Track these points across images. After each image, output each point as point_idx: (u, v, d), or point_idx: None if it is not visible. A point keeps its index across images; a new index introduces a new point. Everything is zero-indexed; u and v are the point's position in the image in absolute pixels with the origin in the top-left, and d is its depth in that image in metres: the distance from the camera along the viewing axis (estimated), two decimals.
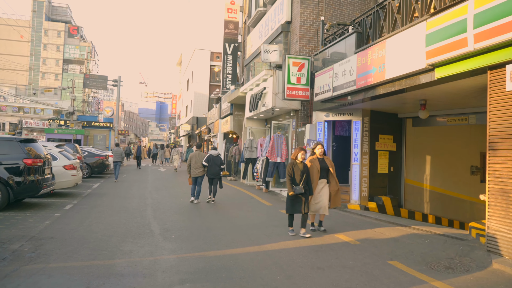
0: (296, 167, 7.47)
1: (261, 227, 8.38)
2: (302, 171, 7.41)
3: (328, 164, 7.90)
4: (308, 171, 7.51)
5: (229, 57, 22.97)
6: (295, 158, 7.58)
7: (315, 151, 7.96)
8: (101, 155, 19.52)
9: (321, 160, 7.87)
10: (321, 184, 7.77)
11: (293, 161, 7.59)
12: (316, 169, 7.70)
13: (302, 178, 7.35)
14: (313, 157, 7.91)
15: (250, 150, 16.07)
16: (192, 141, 41.23)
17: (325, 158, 7.97)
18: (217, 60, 39.03)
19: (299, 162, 7.53)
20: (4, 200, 9.20)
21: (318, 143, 8.08)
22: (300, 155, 7.52)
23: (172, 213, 9.91)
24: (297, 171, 7.41)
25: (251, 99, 15.32)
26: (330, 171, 7.86)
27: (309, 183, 7.46)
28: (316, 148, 7.97)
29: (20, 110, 70.93)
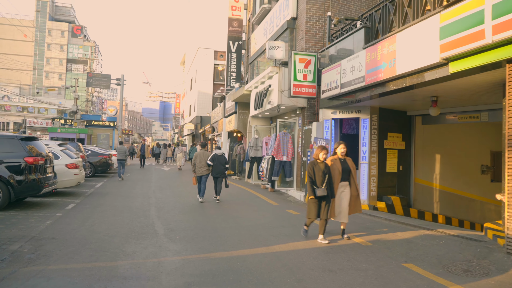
0: (317, 167, 6.90)
1: (268, 227, 8.13)
2: (323, 171, 6.83)
3: (350, 165, 7.26)
4: (330, 172, 6.93)
5: (233, 55, 22.73)
6: (316, 157, 6.98)
7: (337, 151, 7.32)
8: (104, 154, 19.32)
9: (343, 161, 7.22)
10: (341, 187, 7.15)
11: (314, 160, 7.03)
12: (337, 170, 7.08)
13: (324, 179, 6.79)
14: (333, 157, 7.28)
15: (255, 149, 15.82)
16: (196, 140, 41.03)
17: (347, 159, 7.32)
18: (220, 59, 38.80)
19: (320, 162, 6.95)
20: (5, 199, 8.99)
21: (341, 142, 7.39)
22: (322, 154, 6.93)
23: (177, 212, 9.68)
24: (318, 171, 6.84)
25: (256, 97, 15.07)
26: (352, 174, 7.24)
27: (331, 185, 6.89)
28: (338, 147, 7.31)
29: (24, 109, 71.05)
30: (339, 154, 7.28)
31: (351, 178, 7.23)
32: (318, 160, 6.98)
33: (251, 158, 16.03)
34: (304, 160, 12.69)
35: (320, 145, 7.17)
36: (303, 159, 12.77)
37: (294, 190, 13.37)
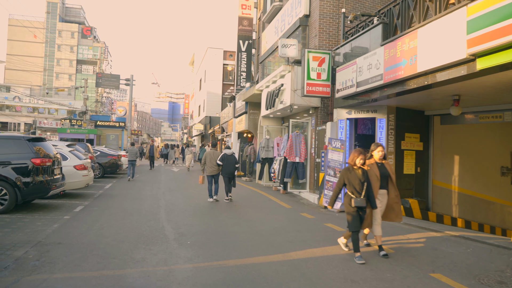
0: (352, 174, 6.07)
1: (282, 232, 7.77)
2: (361, 179, 6.01)
3: (389, 170, 6.46)
4: (369, 180, 6.09)
5: (243, 55, 22.41)
6: (353, 163, 6.14)
7: (374, 154, 6.47)
8: (113, 155, 19.11)
9: (380, 166, 6.41)
10: (379, 196, 6.37)
11: (349, 167, 6.20)
12: (375, 176, 6.28)
13: (362, 187, 5.98)
14: (370, 162, 6.43)
15: (267, 149, 15.48)
16: (205, 140, 40.79)
17: (385, 163, 6.50)
18: (230, 59, 38.52)
19: (356, 168, 6.11)
20: (12, 201, 8.76)
21: (379, 144, 6.58)
22: (359, 160, 6.06)
23: (187, 215, 9.37)
24: (355, 179, 6.02)
25: (268, 96, 14.72)
26: (391, 179, 6.46)
27: (371, 194, 6.04)
28: (376, 150, 6.47)
29: (34, 110, 71.55)
30: (377, 158, 6.45)
31: (390, 184, 6.45)
32: (355, 167, 6.13)
33: (262, 159, 15.68)
34: (317, 162, 12.31)
35: (357, 149, 6.26)
36: (317, 160, 12.39)
37: (307, 192, 12.99)
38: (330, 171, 10.84)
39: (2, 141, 9.10)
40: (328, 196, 10.76)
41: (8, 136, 9.21)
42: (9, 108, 69.83)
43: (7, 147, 9.00)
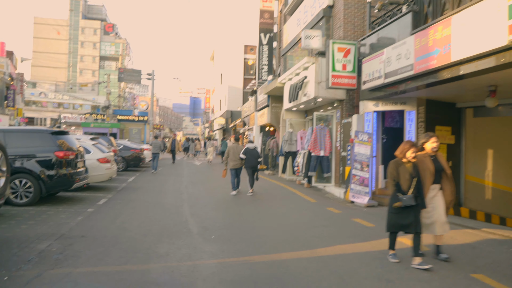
0: (402, 168, 5.36)
1: (309, 227, 7.52)
2: (411, 174, 5.30)
3: (442, 163, 5.64)
4: (419, 175, 5.37)
5: (264, 48, 22.11)
6: (402, 155, 5.40)
7: (426, 146, 5.62)
8: (136, 149, 19.17)
9: (434, 158, 5.61)
10: (432, 191, 5.54)
11: (398, 160, 5.46)
12: (428, 171, 5.47)
13: (411, 184, 5.26)
14: (422, 154, 5.59)
15: (290, 143, 15.20)
16: (227, 134, 40.75)
17: (438, 155, 5.69)
18: (251, 52, 38.27)
19: (406, 162, 5.39)
20: (36, 194, 8.78)
21: (432, 134, 5.71)
22: (411, 152, 5.32)
23: (210, 209, 9.22)
24: (404, 174, 5.31)
25: (291, 89, 14.42)
26: (446, 173, 5.64)
27: (421, 192, 5.33)
28: (428, 141, 5.61)
29: (60, 105, 73.10)
30: (430, 150, 5.61)
31: (444, 179, 5.64)
32: (404, 160, 5.40)
33: (285, 153, 15.42)
34: (343, 155, 11.96)
35: (407, 141, 5.56)
36: (342, 154, 12.04)
37: (332, 186, 12.68)
38: (357, 165, 10.50)
39: (26, 134, 9.13)
40: (354, 190, 10.44)
41: (31, 129, 9.23)
42: (36, 103, 71.59)
43: (31, 140, 9.02)
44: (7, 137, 8.90)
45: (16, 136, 9.02)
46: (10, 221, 7.27)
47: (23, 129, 9.08)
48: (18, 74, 49.89)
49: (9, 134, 8.97)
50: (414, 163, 5.41)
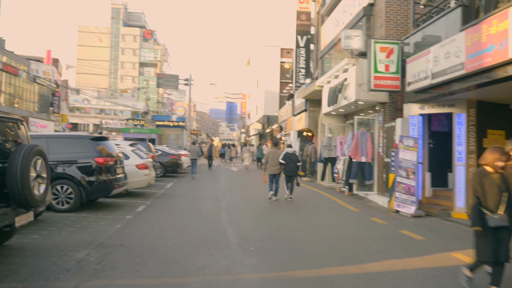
0: (488, 179, 4.37)
1: (353, 239, 7.10)
2: (500, 187, 4.33)
3: None
4: (509, 188, 4.38)
5: (301, 50, 21.74)
6: (489, 165, 4.44)
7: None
8: (174, 154, 19.30)
9: None
10: None
11: (482, 169, 4.49)
12: None
13: (500, 199, 4.29)
14: (509, 164, 4.54)
15: (329, 148, 14.74)
16: (263, 140, 40.58)
17: None
18: (287, 56, 37.98)
19: (493, 173, 4.40)
20: (77, 200, 8.85)
21: None
22: (498, 161, 4.34)
23: (249, 218, 8.97)
24: (491, 187, 4.33)
25: (330, 92, 13.99)
26: None
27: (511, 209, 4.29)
28: None
29: (102, 111, 75.64)
30: None
31: None
32: (490, 170, 4.43)
33: (324, 159, 14.97)
34: (386, 161, 11.41)
35: (494, 146, 4.58)
36: (385, 160, 11.48)
37: (375, 194, 12.12)
38: (402, 172, 9.94)
39: (67, 140, 9.25)
40: (399, 199, 9.88)
41: (72, 135, 9.35)
42: (79, 109, 74.44)
43: (72, 146, 9.12)
44: (49, 143, 9.04)
45: (58, 142, 9.15)
46: (52, 227, 7.31)
47: (64, 135, 9.21)
48: (63, 81, 51.98)
49: (51, 140, 9.11)
50: (501, 174, 4.43)
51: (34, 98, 36.71)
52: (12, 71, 30.92)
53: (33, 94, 36.02)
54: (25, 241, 6.29)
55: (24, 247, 5.94)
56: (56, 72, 47.88)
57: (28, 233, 6.80)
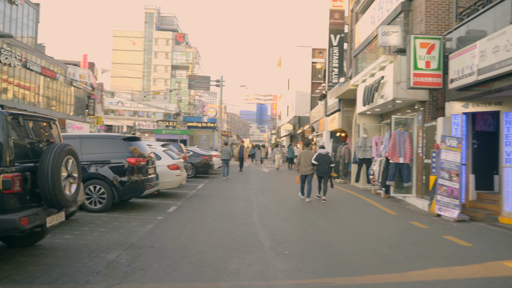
0: None
1: (394, 244, 6.68)
2: None
3: None
4: None
5: (334, 49, 21.24)
6: None
7: None
8: (205, 155, 19.27)
9: None
10: None
11: None
12: None
13: None
14: None
15: (364, 149, 14.24)
16: (294, 141, 40.15)
17: None
18: (319, 56, 37.44)
19: None
20: (109, 200, 8.83)
21: None
22: None
23: (281, 220, 8.68)
24: None
25: (365, 91, 13.50)
26: None
27: None
28: None
29: (135, 114, 77.32)
30: None
31: None
32: None
33: (358, 160, 14.47)
34: (426, 163, 10.83)
35: None
36: (425, 161, 10.91)
37: (413, 197, 11.55)
38: (444, 174, 9.38)
39: (99, 140, 9.27)
40: (441, 202, 9.33)
41: (105, 135, 9.36)
42: (114, 112, 76.38)
43: (105, 146, 9.13)
44: (82, 143, 9.09)
45: (91, 142, 9.19)
46: (84, 227, 7.29)
47: (97, 135, 9.24)
48: (98, 84, 53.39)
49: (84, 140, 9.15)
50: None
51: (71, 101, 37.84)
52: (50, 74, 31.98)
53: (69, 97, 37.15)
54: (57, 241, 6.26)
55: (56, 247, 5.89)
56: (92, 75, 49.24)
57: (61, 233, 6.79)
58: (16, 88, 27.63)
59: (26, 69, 28.34)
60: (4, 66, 25.70)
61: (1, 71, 25.93)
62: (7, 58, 25.25)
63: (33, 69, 29.02)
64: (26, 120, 5.09)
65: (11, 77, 26.70)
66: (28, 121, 5.13)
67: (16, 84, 27.37)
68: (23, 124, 4.94)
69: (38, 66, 29.69)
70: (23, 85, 28.28)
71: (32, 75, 29.44)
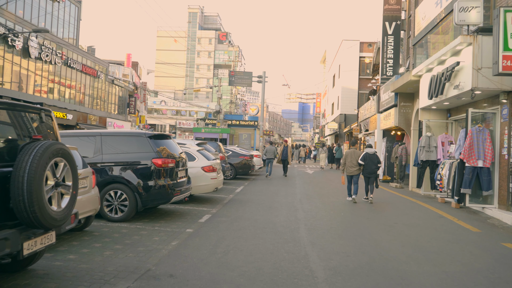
0: None
1: (495, 280, 4.87)
2: None
3: None
4: None
5: (389, 38, 19.11)
6: None
7: None
8: (245, 155, 17.83)
9: None
10: None
11: None
12: None
13: None
14: None
15: (427, 150, 12.22)
16: (340, 140, 38.02)
17: None
18: (368, 49, 35.11)
19: None
20: (132, 208, 7.56)
21: None
22: None
23: (335, 236, 7.05)
24: None
25: (432, 82, 11.50)
26: None
27: None
28: None
29: (177, 113, 77.69)
30: None
31: None
32: None
33: (421, 162, 12.46)
34: None
35: None
36: None
37: (494, 208, 9.49)
38: None
39: (122, 138, 8.03)
40: None
41: (129, 132, 8.12)
42: (157, 111, 77.08)
43: (128, 145, 7.89)
44: (104, 141, 7.90)
45: (113, 140, 7.97)
46: (96, 243, 6.03)
47: (120, 132, 8.04)
48: (142, 84, 53.66)
49: (105, 138, 7.95)
50: None
51: (113, 100, 37.79)
52: (91, 72, 31.85)
53: (111, 95, 37.09)
54: (56, 263, 4.99)
55: (51, 274, 4.61)
56: (135, 74, 49.42)
57: (66, 250, 5.56)
58: (58, 86, 27.52)
59: (67, 67, 28.21)
60: (45, 64, 25.58)
61: (47, 72, 25.90)
62: (47, 55, 25.09)
63: (74, 67, 28.87)
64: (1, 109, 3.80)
65: (51, 75, 26.57)
66: (4, 110, 3.84)
67: (57, 82, 27.28)
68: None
69: (79, 64, 29.53)
70: (64, 82, 28.16)
71: (73, 73, 29.31)
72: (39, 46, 23.79)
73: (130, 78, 44.79)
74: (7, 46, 21.16)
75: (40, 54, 24.13)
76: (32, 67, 23.95)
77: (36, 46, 23.37)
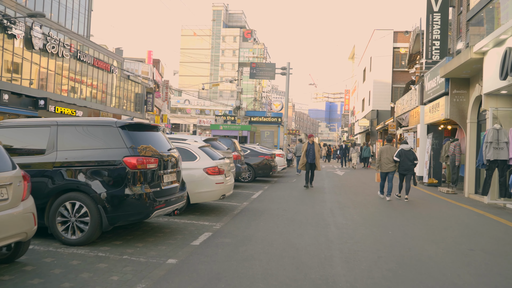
0: None
1: None
2: None
3: None
4: None
5: (435, 16, 16.29)
6: None
7: None
8: (266, 154, 15.43)
9: None
10: None
11: None
12: None
13: None
14: None
15: (496, 146, 9.52)
16: (372, 138, 35.10)
17: None
18: (403, 39, 32.10)
19: None
20: (94, 228, 5.34)
21: None
22: None
23: (389, 274, 4.60)
24: None
25: (505, 57, 8.82)
26: None
27: None
28: None
29: (201, 112, 76.23)
30: None
31: None
32: None
33: (488, 162, 9.75)
34: None
35: None
36: None
37: None
38: None
39: (84, 129, 5.76)
40: None
41: (92, 121, 5.86)
42: (181, 110, 75.83)
43: (91, 139, 5.67)
44: (60, 133, 5.72)
45: (73, 132, 5.75)
46: None
47: (82, 121, 5.80)
48: (164, 82, 52.16)
49: (63, 129, 5.76)
50: None
51: (130, 96, 36.14)
52: (104, 67, 30.17)
53: (127, 91, 35.42)
54: None
55: None
56: (157, 72, 47.89)
57: None
58: (66, 81, 25.85)
59: (77, 60, 26.54)
60: (52, 57, 23.92)
61: (60, 68, 24.33)
62: (54, 47, 23.43)
63: (84, 61, 27.14)
64: None
65: (59, 68, 24.92)
66: None
67: (65, 76, 25.61)
68: None
69: (91, 58, 27.82)
70: (73, 77, 26.47)
71: (84, 67, 27.59)
72: (44, 37, 22.13)
73: (149, 75, 43.23)
74: (8, 36, 19.51)
75: (45, 46, 22.47)
76: (36, 59, 22.21)
77: (40, 37, 21.70)
